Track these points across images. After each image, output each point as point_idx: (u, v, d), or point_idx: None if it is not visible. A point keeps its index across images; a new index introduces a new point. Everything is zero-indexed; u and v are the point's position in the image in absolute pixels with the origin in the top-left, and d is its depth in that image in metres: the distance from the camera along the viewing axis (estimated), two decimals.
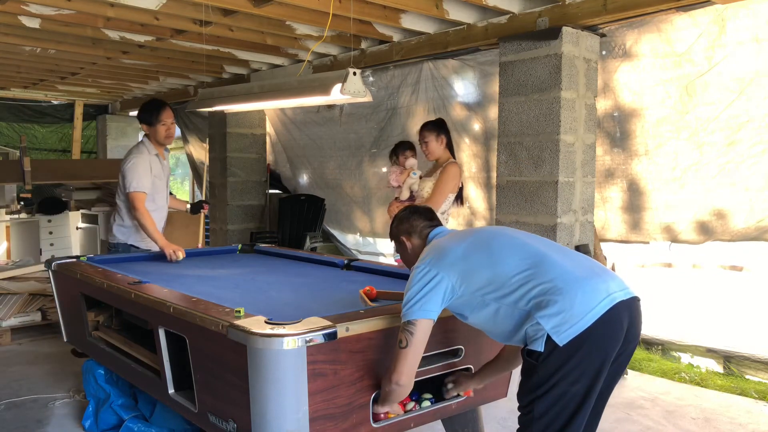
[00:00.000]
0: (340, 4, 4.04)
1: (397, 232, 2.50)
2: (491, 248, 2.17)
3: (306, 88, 3.54)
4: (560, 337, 1.94)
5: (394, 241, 2.55)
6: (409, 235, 2.46)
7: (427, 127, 4.14)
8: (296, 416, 2.01)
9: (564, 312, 1.95)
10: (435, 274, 2.12)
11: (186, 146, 8.73)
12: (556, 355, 1.95)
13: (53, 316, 5.15)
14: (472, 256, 2.16)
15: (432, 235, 2.41)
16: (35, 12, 4.31)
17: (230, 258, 4.15)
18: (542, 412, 2.00)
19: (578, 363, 1.95)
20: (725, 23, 3.77)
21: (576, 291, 1.98)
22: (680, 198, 4.21)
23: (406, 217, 2.50)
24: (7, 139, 9.13)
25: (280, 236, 7.04)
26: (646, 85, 4.23)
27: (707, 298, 4.49)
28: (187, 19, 4.59)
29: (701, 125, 4.03)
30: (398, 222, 2.51)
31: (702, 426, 3.50)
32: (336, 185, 6.73)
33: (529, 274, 2.05)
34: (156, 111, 4.09)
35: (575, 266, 2.09)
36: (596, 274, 2.08)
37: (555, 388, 1.97)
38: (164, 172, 4.23)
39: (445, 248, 2.22)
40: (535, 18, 4.18)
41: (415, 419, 2.44)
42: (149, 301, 2.61)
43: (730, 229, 4.06)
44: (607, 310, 1.97)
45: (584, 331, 1.94)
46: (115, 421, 3.18)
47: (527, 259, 2.10)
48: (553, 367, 1.96)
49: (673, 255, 4.44)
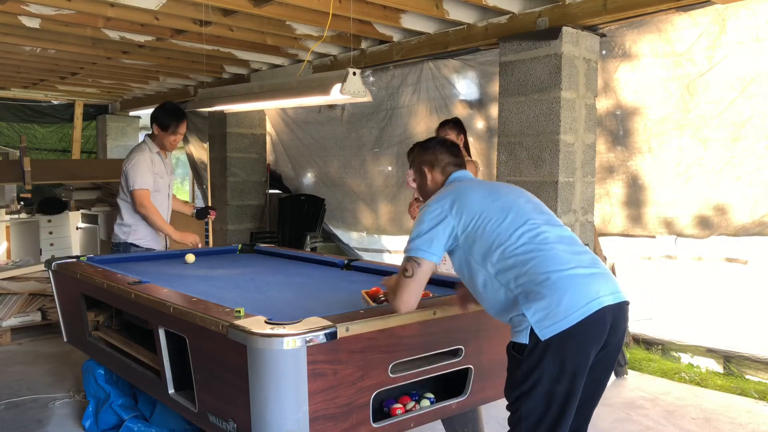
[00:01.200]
0: (340, 4, 4.04)
1: (420, 162, 2.44)
2: (507, 215, 2.14)
3: (306, 88, 3.54)
4: (543, 331, 1.94)
5: (414, 170, 2.50)
6: (432, 167, 2.41)
7: (449, 125, 4.15)
8: (296, 416, 2.01)
9: (550, 308, 1.95)
10: (444, 217, 2.15)
11: (186, 146, 8.73)
12: (538, 349, 1.96)
13: (53, 316, 5.15)
14: (485, 216, 2.14)
15: (454, 177, 2.37)
16: (35, 12, 4.31)
17: (230, 258, 4.15)
18: (528, 411, 2.01)
19: (558, 360, 1.95)
20: (726, 23, 3.78)
21: (566, 289, 1.98)
22: (685, 192, 4.25)
23: (432, 147, 2.44)
24: (7, 139, 9.13)
25: (280, 236, 7.04)
26: (647, 84, 4.24)
27: (710, 292, 4.53)
28: (187, 19, 4.59)
29: (704, 122, 4.05)
30: (423, 150, 2.45)
31: (702, 426, 3.50)
32: (341, 183, 6.74)
33: (528, 258, 2.04)
34: (176, 120, 4.08)
35: (575, 261, 2.07)
36: (592, 274, 2.07)
37: (538, 386, 1.98)
38: (167, 170, 4.24)
39: (461, 196, 2.21)
40: (535, 18, 4.18)
41: (415, 419, 2.44)
42: (149, 301, 2.61)
43: (733, 223, 4.09)
44: (594, 312, 1.96)
45: (567, 329, 1.94)
46: (115, 421, 3.18)
47: (532, 243, 2.08)
48: (535, 360, 1.97)
49: (677, 249, 4.48)
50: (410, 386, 2.52)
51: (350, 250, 6.97)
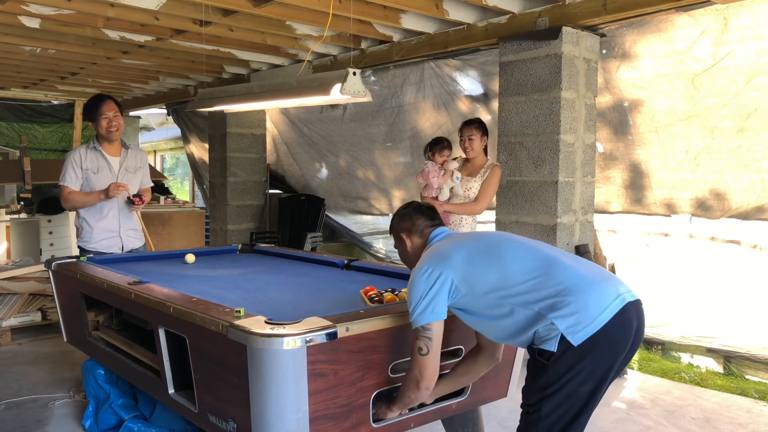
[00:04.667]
0: (340, 4, 4.04)
1: (399, 229, 2.46)
2: (500, 251, 2.16)
3: (306, 88, 3.54)
4: (575, 337, 1.95)
5: (394, 237, 2.51)
6: (409, 233, 2.42)
7: (474, 125, 4.17)
8: (296, 416, 2.01)
9: (578, 312, 1.96)
10: (439, 273, 2.10)
11: (187, 146, 8.73)
12: (569, 355, 1.96)
13: (53, 316, 5.15)
14: (477, 258, 2.15)
15: (434, 236, 2.38)
16: (35, 12, 4.31)
17: (230, 258, 4.15)
18: (549, 411, 2.01)
19: (590, 363, 1.97)
20: (727, 22, 3.79)
21: (589, 292, 2.00)
22: (695, 177, 4.35)
23: (408, 214, 2.45)
24: (7, 139, 9.13)
25: (280, 236, 7.04)
26: (650, 80, 4.25)
27: (720, 273, 4.60)
28: (187, 19, 4.59)
29: (711, 113, 4.09)
30: (399, 218, 2.47)
31: (702, 426, 3.50)
32: (353, 175, 6.87)
33: (540, 275, 2.05)
34: (95, 105, 3.95)
35: (583, 269, 2.11)
36: (604, 276, 2.10)
37: (564, 388, 1.98)
38: (111, 166, 4.01)
39: (448, 250, 2.20)
40: (535, 18, 4.18)
41: (415, 419, 2.44)
42: (149, 301, 2.61)
43: (743, 207, 4.20)
44: (619, 310, 1.99)
45: (598, 331, 1.96)
46: (115, 421, 3.18)
47: (536, 261, 2.10)
48: (565, 367, 1.97)
49: (694, 228, 4.62)
50: None
51: (359, 239, 7.10)
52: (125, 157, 4.10)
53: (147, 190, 4.28)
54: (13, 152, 8.92)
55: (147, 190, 4.28)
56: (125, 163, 4.09)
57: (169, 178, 14.43)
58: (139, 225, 4.18)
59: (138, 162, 4.18)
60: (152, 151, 14.84)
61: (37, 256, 7.41)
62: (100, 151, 4.01)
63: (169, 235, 7.62)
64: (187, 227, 7.82)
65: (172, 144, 13.90)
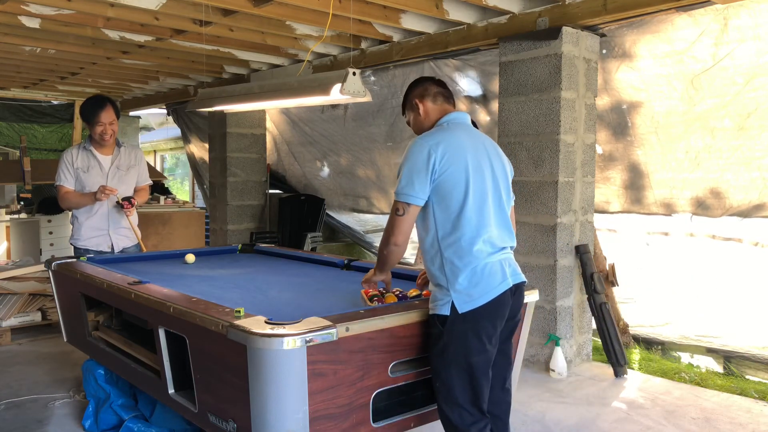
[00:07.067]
0: (340, 4, 4.04)
1: (411, 96, 2.45)
2: (487, 204, 2.29)
3: (306, 88, 3.54)
4: (463, 306, 2.19)
5: (407, 109, 2.50)
6: (422, 98, 2.43)
7: None
8: (296, 416, 2.01)
9: (469, 287, 2.20)
10: (429, 155, 2.21)
11: (187, 146, 8.73)
12: (458, 322, 2.20)
13: (53, 316, 5.15)
14: (474, 180, 2.25)
15: (449, 118, 2.39)
16: (35, 12, 4.31)
17: (230, 258, 4.15)
18: (450, 377, 2.23)
19: (476, 331, 2.21)
20: (727, 22, 3.79)
21: (483, 268, 2.22)
22: (695, 177, 4.40)
23: (419, 81, 2.47)
24: (7, 139, 9.13)
25: (280, 236, 7.04)
26: (649, 81, 4.25)
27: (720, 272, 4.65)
28: (187, 19, 4.59)
29: (710, 114, 4.10)
30: (411, 87, 2.47)
31: (702, 426, 3.50)
32: (354, 174, 6.91)
33: (469, 229, 2.22)
34: (94, 110, 3.89)
35: (497, 238, 2.28)
36: (505, 252, 2.32)
37: (459, 356, 2.21)
38: (101, 165, 3.99)
39: (455, 143, 2.26)
40: (535, 18, 4.18)
41: (414, 419, 2.44)
42: (149, 301, 2.61)
43: (744, 205, 4.23)
44: (502, 292, 2.24)
45: (482, 305, 2.20)
46: (115, 421, 3.18)
47: (478, 217, 2.24)
48: (457, 332, 2.20)
49: (694, 227, 4.68)
50: (410, 384, 2.52)
51: (361, 236, 7.16)
52: (117, 156, 4.07)
53: (144, 187, 4.21)
54: (13, 152, 8.91)
55: (144, 188, 4.21)
56: (117, 162, 4.05)
57: (169, 178, 14.42)
58: (130, 225, 4.11)
59: (132, 160, 4.13)
60: (152, 151, 14.83)
61: (37, 256, 7.41)
62: (91, 151, 4.00)
63: (169, 235, 7.61)
64: (187, 227, 7.81)
65: (172, 144, 13.90)
